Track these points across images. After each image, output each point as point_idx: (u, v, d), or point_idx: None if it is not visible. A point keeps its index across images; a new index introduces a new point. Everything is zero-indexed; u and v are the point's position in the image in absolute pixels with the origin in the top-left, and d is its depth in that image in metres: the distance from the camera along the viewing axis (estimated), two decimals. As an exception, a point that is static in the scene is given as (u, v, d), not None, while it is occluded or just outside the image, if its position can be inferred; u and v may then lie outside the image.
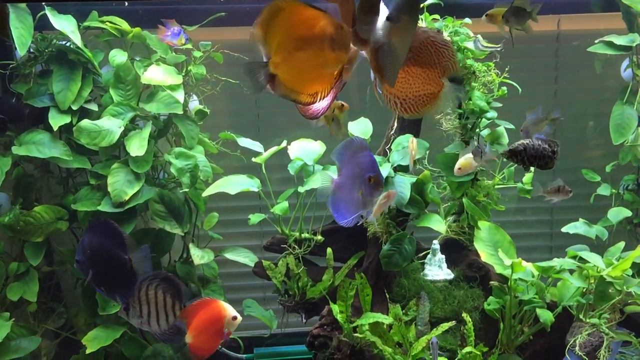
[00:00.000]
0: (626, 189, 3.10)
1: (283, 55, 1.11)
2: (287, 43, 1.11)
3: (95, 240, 2.04)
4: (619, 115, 2.94)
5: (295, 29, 1.11)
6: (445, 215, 2.71)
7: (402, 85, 1.35)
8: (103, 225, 2.09)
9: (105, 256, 2.04)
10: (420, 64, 1.33)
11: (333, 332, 2.54)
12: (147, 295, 2.12)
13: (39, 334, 2.69)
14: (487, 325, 2.60)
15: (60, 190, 2.86)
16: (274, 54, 1.11)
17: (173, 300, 2.15)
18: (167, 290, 2.15)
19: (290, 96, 1.16)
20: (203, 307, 2.24)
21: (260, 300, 3.09)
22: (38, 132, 2.65)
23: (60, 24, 2.59)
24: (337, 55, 1.14)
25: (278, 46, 1.11)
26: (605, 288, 2.41)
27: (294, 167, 2.72)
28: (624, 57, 3.02)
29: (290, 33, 1.11)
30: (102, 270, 2.04)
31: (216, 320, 2.26)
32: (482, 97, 2.61)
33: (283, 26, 1.11)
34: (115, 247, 2.05)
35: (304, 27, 1.12)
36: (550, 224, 3.47)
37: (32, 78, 2.72)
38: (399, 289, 2.64)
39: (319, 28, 1.12)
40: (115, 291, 2.11)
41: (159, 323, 2.14)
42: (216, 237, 2.94)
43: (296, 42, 1.12)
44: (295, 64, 1.12)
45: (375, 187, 1.81)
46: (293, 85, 1.15)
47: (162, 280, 2.15)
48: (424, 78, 1.33)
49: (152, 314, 2.13)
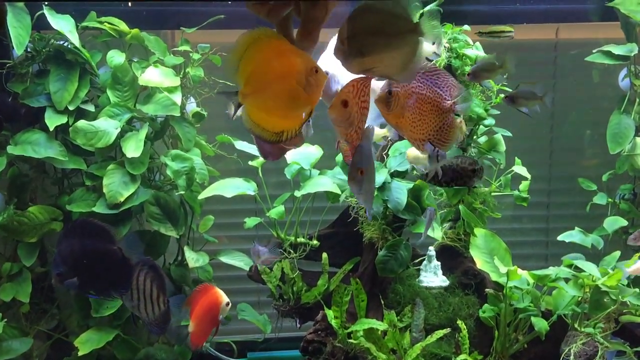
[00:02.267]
0: (622, 199, 3.11)
1: (253, 87, 1.07)
2: (258, 75, 1.07)
3: (75, 244, 1.98)
4: (616, 124, 2.94)
5: (268, 63, 1.07)
6: (441, 221, 2.71)
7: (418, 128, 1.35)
8: (79, 225, 2.03)
9: (92, 255, 1.99)
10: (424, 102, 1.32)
11: (327, 337, 2.53)
12: (137, 281, 2.09)
13: (31, 335, 2.67)
14: (482, 333, 2.59)
15: (55, 190, 2.84)
16: (244, 85, 1.07)
17: (158, 291, 2.13)
18: (153, 280, 2.12)
19: (255, 131, 1.10)
20: (203, 294, 2.24)
21: (254, 304, 3.08)
22: (34, 132, 2.64)
23: (58, 23, 2.59)
24: (309, 97, 1.09)
25: (249, 77, 1.07)
26: (601, 297, 2.41)
27: (290, 171, 2.71)
28: (621, 67, 3.03)
29: (262, 66, 1.07)
30: (91, 272, 1.99)
31: (213, 307, 2.26)
32: (480, 104, 2.61)
33: (256, 57, 1.06)
34: (101, 241, 2.00)
35: (278, 62, 1.07)
36: (546, 232, 3.47)
37: (29, 77, 2.71)
38: (394, 295, 2.63)
39: (293, 65, 1.07)
40: (112, 287, 2.06)
41: (147, 310, 2.12)
42: (211, 240, 2.93)
43: (267, 76, 1.07)
44: (264, 98, 1.08)
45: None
46: (259, 120, 1.09)
47: (150, 268, 2.12)
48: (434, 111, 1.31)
49: (142, 300, 2.10)
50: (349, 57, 1.12)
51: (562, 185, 3.42)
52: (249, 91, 1.07)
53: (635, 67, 2.97)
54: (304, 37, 1.06)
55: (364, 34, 1.11)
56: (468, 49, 2.60)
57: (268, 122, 1.10)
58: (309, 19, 1.05)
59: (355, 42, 1.10)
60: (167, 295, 2.15)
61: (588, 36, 3.21)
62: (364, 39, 1.10)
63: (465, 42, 2.61)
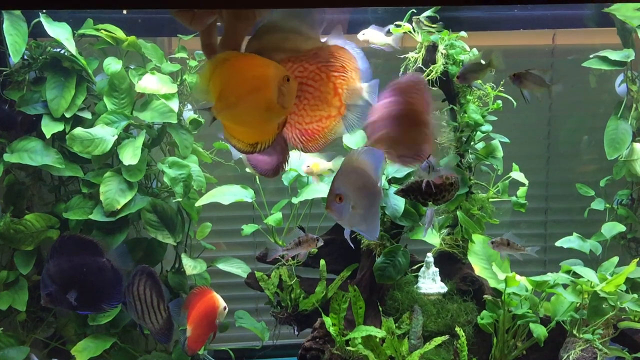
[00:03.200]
0: (620, 204, 3.10)
1: (225, 102, 1.06)
2: (229, 91, 1.06)
3: (63, 262, 1.96)
4: (613, 130, 2.95)
5: (239, 77, 1.07)
6: (439, 228, 2.70)
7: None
8: (66, 242, 2.02)
9: (81, 270, 1.98)
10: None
11: (325, 345, 2.52)
12: (137, 292, 2.08)
13: (27, 343, 2.66)
14: (481, 340, 2.58)
15: (52, 198, 2.84)
16: (216, 101, 1.07)
17: (157, 298, 2.12)
18: (152, 288, 2.11)
19: (231, 142, 1.11)
20: (199, 298, 2.22)
21: (252, 311, 3.07)
22: (30, 140, 2.63)
23: (54, 31, 2.58)
24: (282, 106, 1.09)
25: (221, 93, 1.06)
26: (599, 303, 2.41)
27: (288, 178, 2.70)
28: (618, 72, 3.03)
29: (233, 81, 1.06)
30: (82, 287, 1.98)
31: (211, 312, 2.25)
32: (477, 111, 2.61)
33: (226, 74, 1.06)
34: (90, 256, 2.00)
35: (249, 75, 1.07)
36: (544, 237, 3.47)
37: (25, 85, 2.70)
38: (392, 302, 2.62)
39: (264, 77, 1.07)
40: (103, 301, 2.05)
41: (151, 320, 2.11)
42: (209, 247, 2.93)
43: (238, 91, 1.07)
44: (238, 112, 1.07)
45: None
46: (234, 132, 1.10)
47: (148, 276, 2.11)
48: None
49: (145, 311, 2.10)
50: None
51: (559, 191, 3.42)
52: (222, 106, 1.07)
53: (632, 73, 2.98)
54: (226, 48, 1.05)
55: (268, 51, 1.11)
56: (465, 55, 2.60)
57: (243, 134, 1.10)
58: (232, 29, 1.04)
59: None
60: (166, 300, 2.15)
61: (585, 42, 3.21)
62: (268, 57, 1.10)
63: (462, 49, 2.61)
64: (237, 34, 1.05)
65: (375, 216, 1.76)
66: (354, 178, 1.70)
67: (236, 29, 1.04)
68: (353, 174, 1.70)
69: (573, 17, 3.15)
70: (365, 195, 1.71)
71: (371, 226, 1.73)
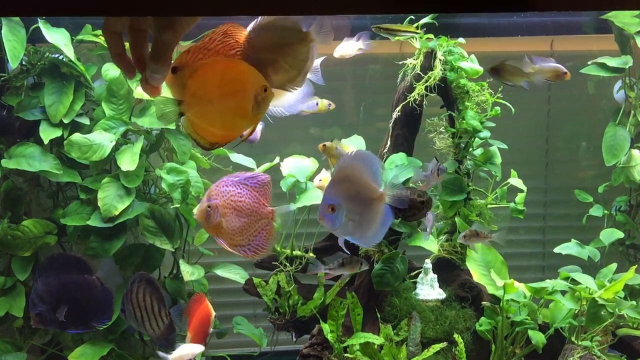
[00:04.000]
0: (618, 210, 3.10)
1: (199, 101, 1.07)
2: (205, 91, 1.08)
3: (52, 280, 1.96)
4: (611, 136, 2.95)
5: (218, 79, 1.08)
6: (437, 234, 2.70)
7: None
8: (55, 260, 2.02)
9: (71, 289, 1.97)
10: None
11: (323, 351, 2.51)
12: (137, 299, 2.08)
13: (24, 350, 2.65)
14: (479, 347, 2.57)
15: (49, 204, 2.83)
16: (190, 96, 1.07)
17: (158, 305, 2.12)
18: (152, 295, 2.11)
19: (191, 135, 1.12)
20: (199, 305, 2.23)
21: (250, 317, 3.06)
22: (28, 145, 2.63)
23: (53, 37, 2.58)
24: (255, 115, 1.10)
25: (196, 91, 1.07)
26: (597, 310, 2.40)
27: (286, 184, 2.70)
28: (616, 79, 3.04)
29: (210, 83, 1.07)
30: (72, 305, 1.97)
31: (207, 319, 2.26)
32: (476, 117, 2.61)
33: (205, 74, 1.07)
34: (79, 274, 1.99)
35: (229, 78, 1.08)
36: (542, 243, 3.47)
37: (23, 91, 2.70)
38: (390, 309, 2.61)
39: (243, 83, 1.08)
40: (93, 319, 2.04)
41: (152, 326, 2.11)
42: (207, 253, 2.92)
43: (215, 92, 1.08)
44: (209, 112, 1.09)
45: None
46: (198, 129, 1.11)
47: (147, 283, 2.12)
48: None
49: (145, 318, 2.10)
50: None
51: (558, 197, 3.42)
52: (195, 104, 1.08)
53: (630, 79, 2.98)
54: (154, 60, 1.04)
55: (261, 50, 1.13)
56: (463, 62, 2.60)
57: (207, 132, 1.12)
58: (159, 41, 1.03)
59: (254, 59, 1.13)
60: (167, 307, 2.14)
61: (583, 48, 3.22)
62: (262, 55, 1.13)
63: (460, 55, 2.62)
64: (163, 47, 1.04)
65: (373, 222, 1.73)
66: (347, 186, 1.68)
67: (163, 42, 1.04)
68: (346, 182, 1.68)
69: (571, 23, 3.16)
70: (359, 203, 1.70)
71: (368, 233, 1.72)
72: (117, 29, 1.07)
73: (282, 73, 1.17)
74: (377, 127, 3.14)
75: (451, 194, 2.63)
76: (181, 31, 1.03)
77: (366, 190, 1.70)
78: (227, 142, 1.14)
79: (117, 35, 1.07)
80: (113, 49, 1.08)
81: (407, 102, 2.63)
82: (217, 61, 1.09)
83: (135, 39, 1.05)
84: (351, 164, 1.71)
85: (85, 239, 2.67)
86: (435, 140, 2.72)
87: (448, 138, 2.69)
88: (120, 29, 1.07)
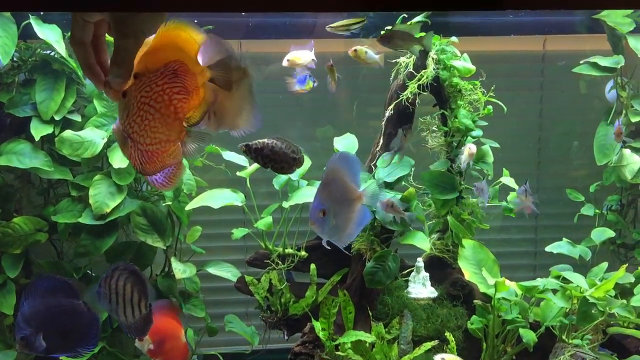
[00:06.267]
0: (609, 210, 3.12)
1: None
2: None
3: (39, 303, 1.94)
4: (603, 135, 2.96)
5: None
6: (429, 233, 2.70)
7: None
8: (42, 282, 2.00)
9: (57, 313, 1.95)
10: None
11: (315, 350, 2.51)
12: (116, 285, 2.07)
13: (15, 348, 2.63)
14: (470, 345, 2.58)
15: (40, 201, 2.81)
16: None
17: (139, 295, 2.10)
18: (134, 285, 2.09)
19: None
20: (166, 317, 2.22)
21: (242, 315, 3.06)
22: (19, 142, 2.61)
23: (44, 33, 2.56)
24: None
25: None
26: (588, 309, 2.41)
27: (278, 182, 2.70)
28: (608, 78, 3.05)
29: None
30: (57, 330, 1.95)
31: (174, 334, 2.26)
32: (468, 116, 2.61)
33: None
34: (65, 298, 1.98)
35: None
36: (534, 242, 3.48)
37: (14, 87, 2.68)
38: (382, 307, 2.62)
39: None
40: (79, 344, 2.02)
41: (126, 314, 2.09)
42: (199, 250, 2.91)
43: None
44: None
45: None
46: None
47: (130, 273, 2.10)
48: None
49: (120, 304, 2.07)
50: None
51: (550, 196, 3.43)
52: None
53: (622, 79, 2.99)
54: (115, 64, 1.04)
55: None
56: (456, 61, 2.61)
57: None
58: (121, 47, 1.03)
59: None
60: (150, 300, 2.13)
61: (575, 48, 3.23)
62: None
63: (453, 54, 2.62)
64: (124, 53, 1.04)
65: (349, 222, 1.77)
66: (333, 189, 1.71)
67: (123, 49, 1.03)
68: (333, 185, 1.72)
69: (564, 23, 3.17)
70: (343, 205, 1.73)
71: (345, 232, 1.75)
72: (83, 39, 1.07)
73: (223, 112, 1.13)
74: (370, 125, 3.14)
75: (443, 192, 2.63)
76: (142, 37, 1.03)
77: (347, 192, 1.74)
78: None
79: (84, 46, 1.08)
80: (81, 60, 1.09)
81: (399, 100, 2.63)
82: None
83: (94, 46, 1.08)
84: (336, 167, 1.74)
85: (76, 236, 2.66)
86: (428, 139, 2.72)
87: (440, 137, 2.69)
88: (87, 39, 1.08)
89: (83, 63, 1.09)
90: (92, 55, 1.10)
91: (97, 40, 1.09)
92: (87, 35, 1.08)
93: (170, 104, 1.06)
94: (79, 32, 1.07)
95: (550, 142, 3.43)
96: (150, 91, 1.05)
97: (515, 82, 3.33)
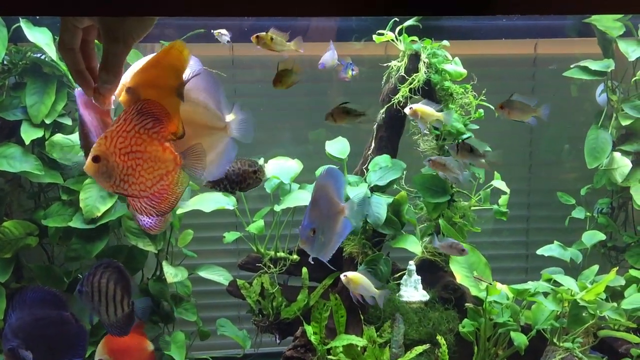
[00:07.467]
0: (600, 213, 3.13)
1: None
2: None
3: (26, 315, 1.93)
4: (593, 139, 2.97)
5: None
6: (421, 236, 2.70)
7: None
8: (29, 293, 1.99)
9: (45, 325, 1.94)
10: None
11: (307, 353, 2.51)
12: (99, 283, 2.05)
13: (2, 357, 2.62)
14: (462, 348, 2.58)
15: (31, 205, 2.80)
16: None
17: (122, 293, 2.09)
18: (117, 282, 2.08)
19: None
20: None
21: (234, 319, 3.05)
22: (9, 146, 2.60)
23: (35, 36, 2.55)
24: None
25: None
26: (579, 312, 2.42)
27: (270, 185, 2.69)
28: (599, 82, 3.06)
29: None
30: (45, 342, 1.94)
31: None
32: (459, 119, 2.62)
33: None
34: (53, 309, 1.97)
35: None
36: (526, 245, 3.49)
37: (4, 91, 2.67)
38: (373, 310, 2.61)
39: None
40: (66, 356, 2.01)
41: (108, 313, 2.08)
42: (190, 254, 2.90)
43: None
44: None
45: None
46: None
47: (114, 270, 2.09)
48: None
49: (102, 302, 2.06)
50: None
51: (541, 199, 3.45)
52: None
53: (612, 83, 3.01)
54: (104, 70, 1.06)
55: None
56: (447, 64, 2.61)
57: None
58: (109, 52, 1.04)
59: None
60: (133, 298, 2.12)
61: (566, 51, 3.25)
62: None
63: (445, 58, 2.62)
64: (113, 59, 1.05)
65: (333, 237, 1.80)
66: (321, 205, 1.75)
67: (112, 54, 1.04)
68: (321, 201, 1.75)
69: (555, 26, 3.18)
70: (330, 219, 1.76)
71: (329, 246, 1.78)
72: (72, 45, 1.08)
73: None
74: (361, 128, 3.14)
75: (435, 195, 2.64)
76: (131, 42, 1.04)
77: (332, 206, 1.77)
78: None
79: (73, 52, 1.08)
80: (70, 66, 1.09)
81: (391, 104, 2.63)
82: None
83: (85, 46, 1.09)
84: (324, 184, 1.77)
85: (66, 240, 2.64)
86: (419, 142, 2.72)
87: (432, 140, 2.70)
88: (76, 45, 1.08)
89: (72, 69, 1.10)
90: (81, 61, 1.09)
91: (86, 46, 1.09)
92: (76, 41, 1.08)
93: (151, 139, 1.07)
94: (68, 37, 1.07)
95: (541, 145, 3.44)
96: (125, 141, 1.06)
97: (507, 86, 3.34)
